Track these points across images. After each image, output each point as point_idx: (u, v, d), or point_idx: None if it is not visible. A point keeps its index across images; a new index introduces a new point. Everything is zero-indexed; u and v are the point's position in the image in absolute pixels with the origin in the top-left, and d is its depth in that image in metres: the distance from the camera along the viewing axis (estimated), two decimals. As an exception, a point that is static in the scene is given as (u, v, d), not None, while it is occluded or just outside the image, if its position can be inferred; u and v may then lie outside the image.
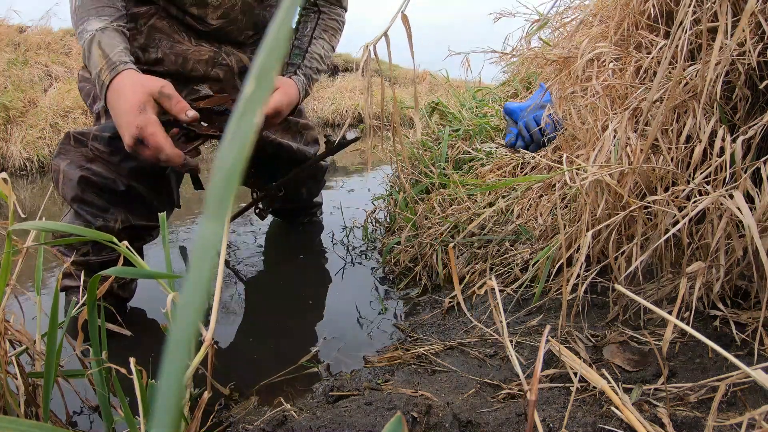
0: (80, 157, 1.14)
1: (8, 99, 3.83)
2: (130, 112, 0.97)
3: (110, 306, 1.13)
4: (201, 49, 1.29)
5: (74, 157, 1.14)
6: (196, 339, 0.60)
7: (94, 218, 1.13)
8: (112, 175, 1.14)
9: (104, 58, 1.01)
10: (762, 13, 0.78)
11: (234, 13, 1.28)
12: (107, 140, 1.14)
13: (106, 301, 1.12)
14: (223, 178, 0.10)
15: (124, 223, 1.16)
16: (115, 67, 1.01)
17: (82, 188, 1.12)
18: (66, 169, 1.13)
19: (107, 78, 1.01)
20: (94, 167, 1.13)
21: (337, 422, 0.67)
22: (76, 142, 1.15)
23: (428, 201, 1.44)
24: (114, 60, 1.01)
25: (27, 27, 5.51)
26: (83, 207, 1.13)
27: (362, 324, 1.16)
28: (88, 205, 1.13)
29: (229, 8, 1.27)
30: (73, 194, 1.12)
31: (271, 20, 0.12)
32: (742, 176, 0.72)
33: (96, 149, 1.14)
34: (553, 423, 0.63)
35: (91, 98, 1.23)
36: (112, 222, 1.15)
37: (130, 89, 0.98)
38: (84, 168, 1.13)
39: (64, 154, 1.15)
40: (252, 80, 0.11)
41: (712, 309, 0.79)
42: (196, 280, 0.11)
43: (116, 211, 1.15)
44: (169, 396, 0.11)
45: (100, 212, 1.14)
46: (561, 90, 1.14)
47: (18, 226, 0.54)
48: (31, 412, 0.62)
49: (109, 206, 1.15)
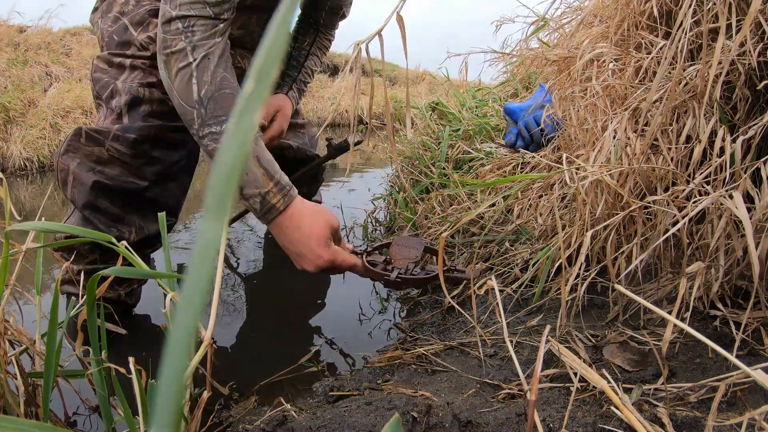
0: (92, 157, 1.08)
1: (8, 99, 3.83)
2: (318, 246, 0.94)
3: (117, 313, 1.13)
4: None
5: (85, 157, 1.08)
6: (196, 339, 0.60)
7: (107, 228, 1.08)
8: (129, 177, 1.09)
9: (270, 179, 0.94)
10: (762, 13, 0.78)
11: (251, 25, 1.29)
12: (132, 142, 1.08)
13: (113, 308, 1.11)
14: (222, 178, 0.10)
15: (139, 234, 1.12)
16: (287, 193, 0.96)
17: (95, 195, 1.06)
18: (76, 170, 1.07)
19: (281, 204, 0.95)
20: (108, 170, 1.08)
21: (337, 422, 0.67)
22: (89, 139, 1.08)
23: (428, 201, 1.44)
24: (283, 184, 0.95)
25: (27, 27, 5.51)
26: (96, 215, 1.08)
27: (362, 324, 1.16)
28: (102, 214, 1.08)
29: (246, 20, 1.27)
30: (85, 200, 1.07)
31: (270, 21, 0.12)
32: (742, 176, 0.72)
33: (115, 150, 1.08)
34: (553, 423, 0.62)
35: (109, 92, 1.13)
36: (126, 233, 1.10)
37: (312, 220, 0.96)
38: (97, 171, 1.07)
39: (74, 152, 1.08)
40: (251, 80, 0.11)
41: (712, 309, 0.79)
42: (196, 281, 0.11)
43: (130, 220, 1.12)
44: (168, 395, 0.11)
45: (113, 222, 1.09)
46: (561, 90, 1.14)
47: (16, 227, 0.54)
48: (30, 412, 0.62)
49: (123, 215, 1.10)
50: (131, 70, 1.14)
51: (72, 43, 5.53)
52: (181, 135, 1.16)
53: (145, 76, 1.12)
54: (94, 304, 0.61)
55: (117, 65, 1.14)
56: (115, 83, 1.12)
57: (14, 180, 3.35)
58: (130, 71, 1.14)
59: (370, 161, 3.59)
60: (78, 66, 5.10)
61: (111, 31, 1.17)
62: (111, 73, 1.14)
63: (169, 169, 1.16)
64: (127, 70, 1.14)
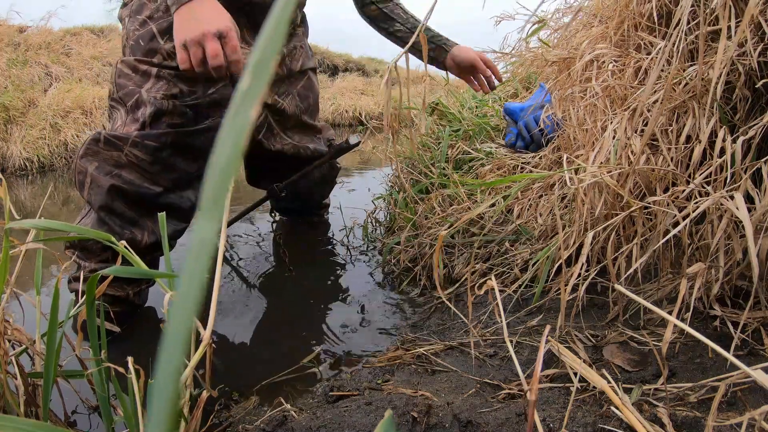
0: (110, 161, 1.11)
1: (8, 99, 3.83)
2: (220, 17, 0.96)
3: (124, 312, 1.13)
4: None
5: (104, 161, 1.10)
6: (196, 338, 0.59)
7: (121, 230, 1.11)
8: (145, 183, 1.12)
9: None
10: (762, 14, 0.78)
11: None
12: (151, 149, 1.11)
13: (121, 307, 1.12)
14: (218, 176, 0.10)
15: (151, 238, 1.14)
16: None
17: (111, 197, 1.09)
18: (94, 173, 1.10)
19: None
20: (124, 174, 1.10)
21: (337, 422, 0.67)
22: (108, 144, 1.11)
23: (428, 201, 1.44)
24: None
25: (27, 27, 5.51)
26: (111, 217, 1.10)
27: (362, 324, 1.16)
28: (117, 216, 1.11)
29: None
30: (102, 203, 1.09)
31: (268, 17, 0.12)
32: (743, 177, 0.72)
33: (134, 156, 1.11)
34: (553, 423, 0.62)
35: (135, 101, 1.15)
36: (139, 236, 1.13)
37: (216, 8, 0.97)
38: (114, 175, 1.10)
39: (92, 156, 1.11)
40: (248, 75, 0.11)
41: (712, 309, 0.79)
42: (191, 279, 0.11)
43: (144, 223, 1.14)
44: (165, 395, 0.11)
45: (127, 224, 1.12)
46: (561, 91, 1.14)
47: (16, 224, 0.54)
48: (30, 412, 0.62)
49: (137, 218, 1.13)
50: (156, 79, 1.15)
51: (72, 43, 5.53)
52: (200, 141, 1.18)
53: (169, 87, 1.14)
54: (94, 303, 0.61)
55: (142, 73, 1.15)
56: (140, 93, 1.14)
57: (14, 180, 3.35)
58: (155, 81, 1.15)
59: (370, 161, 3.59)
60: (78, 66, 5.10)
61: (138, 35, 1.17)
62: (135, 80, 1.16)
63: (186, 177, 1.18)
64: (152, 79, 1.15)
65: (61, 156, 3.79)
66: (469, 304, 0.77)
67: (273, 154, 1.48)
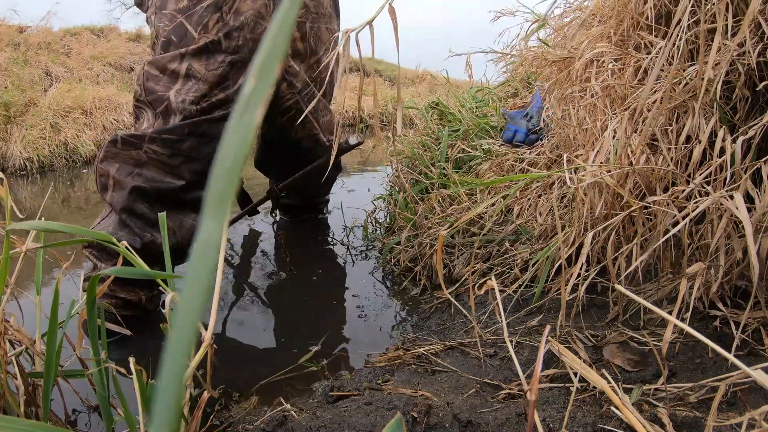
0: (131, 161, 1.11)
1: (9, 98, 3.83)
2: None
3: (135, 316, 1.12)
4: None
5: (124, 162, 1.11)
6: (196, 339, 0.59)
7: (142, 231, 1.11)
8: (165, 177, 1.12)
9: None
10: (762, 14, 0.78)
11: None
12: (171, 143, 1.12)
13: (133, 311, 1.12)
14: (223, 176, 0.10)
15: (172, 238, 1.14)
16: None
17: (133, 199, 1.10)
18: (116, 175, 1.11)
19: None
20: (145, 172, 1.11)
21: (337, 422, 0.67)
22: (126, 144, 1.11)
23: (428, 201, 1.44)
24: None
25: (27, 27, 5.51)
26: (132, 219, 1.11)
27: (362, 324, 1.16)
28: (138, 218, 1.11)
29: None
30: (124, 204, 1.10)
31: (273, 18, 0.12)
32: (742, 177, 0.72)
33: (153, 152, 1.11)
34: (553, 423, 0.62)
35: (164, 107, 1.14)
36: (160, 238, 1.12)
37: None
38: (135, 175, 1.10)
39: (112, 158, 1.12)
40: (252, 78, 0.11)
41: (712, 309, 0.79)
42: (196, 280, 0.11)
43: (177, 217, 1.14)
44: (168, 395, 0.11)
45: (148, 226, 1.12)
46: (560, 90, 1.14)
47: (17, 226, 0.54)
48: (31, 411, 0.62)
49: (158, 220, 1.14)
50: (185, 79, 1.14)
51: (72, 43, 5.53)
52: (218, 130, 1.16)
53: (199, 87, 1.14)
54: (94, 303, 0.61)
55: (171, 73, 1.15)
56: (169, 99, 1.14)
57: (14, 180, 3.35)
58: (184, 81, 1.14)
59: (369, 161, 3.59)
60: (78, 66, 5.10)
61: (168, 30, 1.16)
62: (164, 81, 1.15)
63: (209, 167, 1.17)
64: (181, 79, 1.14)
65: (61, 156, 3.79)
66: (471, 304, 0.77)
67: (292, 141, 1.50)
